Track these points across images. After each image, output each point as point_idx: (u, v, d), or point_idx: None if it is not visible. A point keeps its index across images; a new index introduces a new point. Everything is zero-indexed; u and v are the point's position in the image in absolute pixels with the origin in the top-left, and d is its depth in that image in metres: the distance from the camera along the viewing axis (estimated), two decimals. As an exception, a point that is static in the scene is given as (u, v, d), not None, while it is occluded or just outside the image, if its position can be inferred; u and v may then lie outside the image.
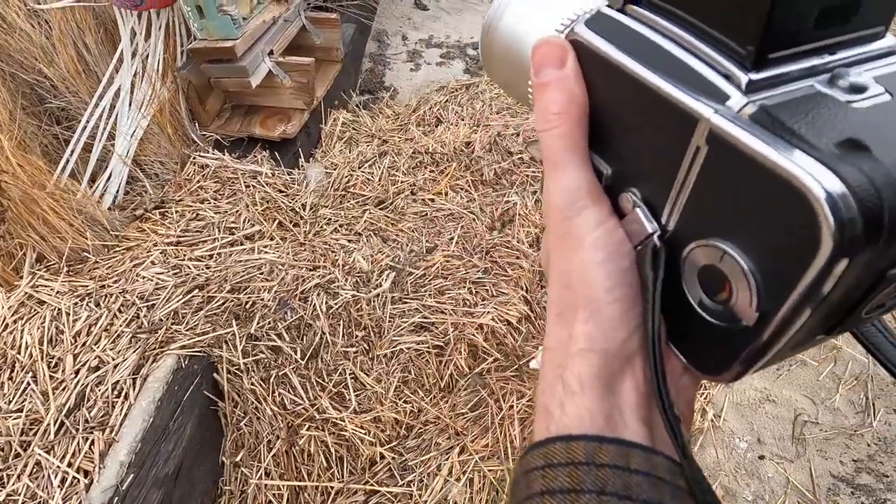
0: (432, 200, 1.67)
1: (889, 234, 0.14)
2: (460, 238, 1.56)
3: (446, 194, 1.73)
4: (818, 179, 0.14)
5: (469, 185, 1.77)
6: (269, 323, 1.23)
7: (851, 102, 0.17)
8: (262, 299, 1.25)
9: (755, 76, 0.18)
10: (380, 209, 1.63)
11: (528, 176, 1.83)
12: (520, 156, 1.84)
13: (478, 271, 1.55)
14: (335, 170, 1.78)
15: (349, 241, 1.46)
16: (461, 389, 1.55)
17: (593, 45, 0.22)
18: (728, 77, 0.18)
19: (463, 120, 2.23)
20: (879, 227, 0.14)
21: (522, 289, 1.71)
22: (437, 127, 2.27)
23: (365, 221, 1.57)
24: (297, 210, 1.57)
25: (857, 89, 0.17)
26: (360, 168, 1.83)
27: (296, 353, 1.21)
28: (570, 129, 0.23)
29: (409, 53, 3.01)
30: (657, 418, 0.22)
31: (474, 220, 1.60)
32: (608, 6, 0.22)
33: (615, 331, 0.22)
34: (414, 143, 1.91)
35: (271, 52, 1.75)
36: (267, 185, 1.58)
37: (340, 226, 1.56)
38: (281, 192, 1.61)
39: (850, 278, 0.15)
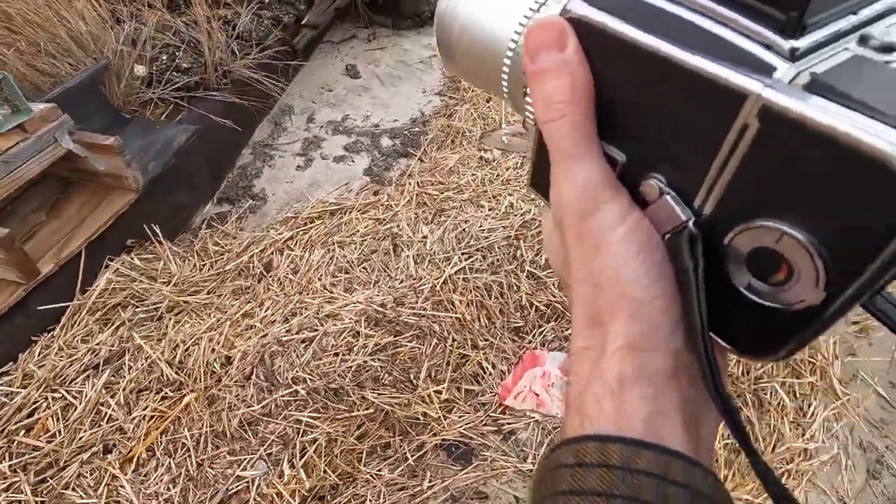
0: (114, 477, 1.10)
1: None
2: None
3: (140, 463, 1.11)
4: (894, 143, 0.13)
5: (194, 441, 1.11)
6: None
7: (889, 63, 0.16)
8: None
9: (799, 43, 0.16)
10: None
11: (297, 422, 1.18)
12: (292, 389, 1.23)
13: None
14: (25, 388, 1.25)
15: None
16: None
17: (600, 22, 0.19)
18: (769, 47, 0.16)
19: (293, 277, 1.61)
20: None
21: None
22: (259, 282, 1.69)
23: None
24: None
25: (888, 48, 0.16)
26: (71, 382, 1.28)
27: None
28: (579, 118, 0.20)
29: (304, 143, 2.41)
30: (702, 422, 0.20)
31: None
32: None
33: (657, 329, 0.19)
34: (170, 339, 1.29)
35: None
36: None
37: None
38: None
39: None
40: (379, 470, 1.29)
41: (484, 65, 0.24)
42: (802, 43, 0.16)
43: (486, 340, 1.49)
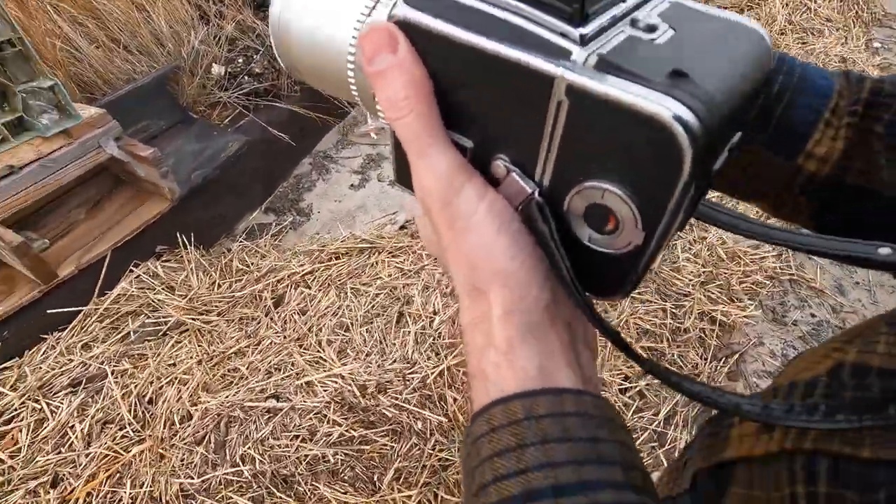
0: None
1: (718, 134, 0.17)
2: None
3: None
4: (668, 107, 0.16)
5: (129, 500, 1.03)
6: None
7: (654, 40, 0.19)
8: None
9: (584, 31, 0.19)
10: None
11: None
12: (237, 468, 1.11)
13: None
14: (15, 391, 1.27)
15: None
16: None
17: (423, 23, 0.21)
18: (564, 35, 0.19)
19: (297, 319, 1.49)
20: (713, 130, 0.17)
21: None
22: (266, 315, 1.61)
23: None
24: None
25: (652, 28, 0.19)
26: (54, 394, 1.30)
27: None
28: (424, 111, 0.21)
29: (366, 159, 2.30)
30: (580, 354, 0.23)
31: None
32: None
33: (529, 290, 0.22)
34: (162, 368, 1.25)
35: (-17, 216, 1.30)
36: None
37: None
38: None
39: (701, 175, 0.18)
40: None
41: (329, 74, 0.25)
42: (588, 29, 0.19)
43: (480, 446, 1.28)
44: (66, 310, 1.39)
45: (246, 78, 1.97)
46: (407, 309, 1.39)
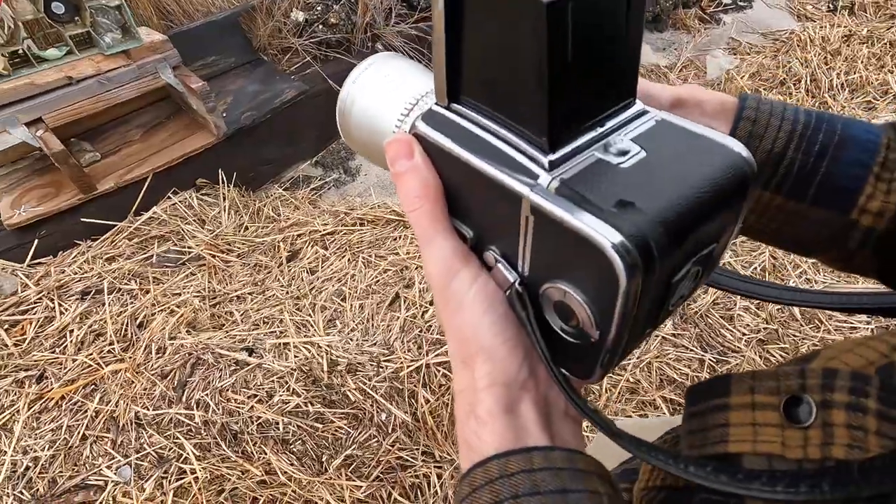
0: (18, 412, 1.11)
1: (660, 257, 0.19)
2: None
3: (46, 408, 1.07)
4: (607, 236, 0.19)
5: (93, 413, 1.04)
6: None
7: (620, 164, 0.22)
8: None
9: (553, 157, 0.22)
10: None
11: (180, 448, 1.02)
12: (190, 412, 1.06)
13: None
14: (37, 286, 1.35)
15: None
16: None
17: (432, 138, 0.25)
18: (534, 160, 0.22)
19: (304, 277, 1.45)
20: (651, 254, 0.19)
21: None
22: (278, 266, 1.58)
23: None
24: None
25: (623, 153, 0.22)
26: (67, 297, 1.36)
27: None
28: (431, 207, 0.25)
29: (426, 130, 2.19)
30: (554, 420, 0.25)
31: None
32: (437, 104, 0.25)
33: (509, 365, 0.24)
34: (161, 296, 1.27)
35: (39, 120, 1.37)
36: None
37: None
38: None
39: (649, 290, 0.20)
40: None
41: (374, 152, 0.30)
42: (557, 155, 0.21)
43: (447, 456, 1.17)
44: (101, 221, 1.47)
45: (320, 27, 1.93)
46: (405, 293, 1.29)
